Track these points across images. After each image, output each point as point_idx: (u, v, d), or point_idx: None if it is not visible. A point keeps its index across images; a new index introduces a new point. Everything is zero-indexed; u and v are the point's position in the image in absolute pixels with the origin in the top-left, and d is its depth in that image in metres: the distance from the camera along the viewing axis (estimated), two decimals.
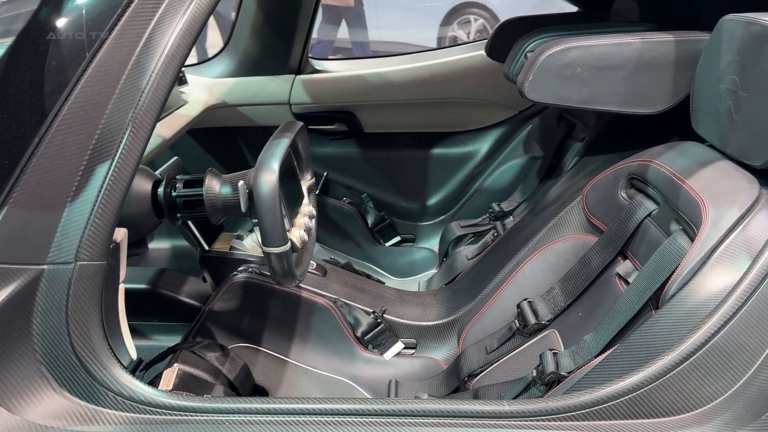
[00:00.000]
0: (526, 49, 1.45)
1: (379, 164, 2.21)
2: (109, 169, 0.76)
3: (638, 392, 0.79)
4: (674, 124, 1.43)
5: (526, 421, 0.79)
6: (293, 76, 2.09)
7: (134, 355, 0.89)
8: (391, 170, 2.21)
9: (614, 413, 0.80)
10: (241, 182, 1.05)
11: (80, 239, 0.76)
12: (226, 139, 2.18)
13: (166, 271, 1.61)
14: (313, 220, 1.21)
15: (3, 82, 0.78)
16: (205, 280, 1.56)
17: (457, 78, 2.06)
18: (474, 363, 1.34)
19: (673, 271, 0.98)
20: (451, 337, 1.49)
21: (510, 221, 1.78)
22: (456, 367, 1.38)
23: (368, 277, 1.69)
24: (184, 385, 1.19)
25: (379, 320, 1.47)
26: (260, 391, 1.36)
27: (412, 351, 1.51)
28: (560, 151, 1.79)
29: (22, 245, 0.76)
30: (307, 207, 1.21)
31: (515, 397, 1.14)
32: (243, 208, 1.05)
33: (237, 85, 2.06)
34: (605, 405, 0.79)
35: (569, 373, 1.07)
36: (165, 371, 1.20)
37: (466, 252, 1.81)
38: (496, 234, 1.76)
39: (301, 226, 1.13)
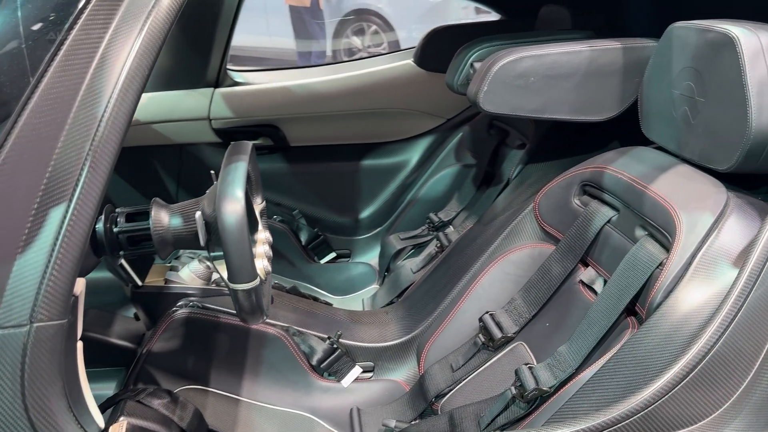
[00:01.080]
0: (470, 59, 1.43)
1: (307, 179, 2.13)
2: (67, 212, 0.65)
3: (650, 408, 0.78)
4: (615, 129, 1.47)
5: None
6: (212, 89, 1.97)
7: (101, 423, 0.77)
8: (321, 184, 2.14)
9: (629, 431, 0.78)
10: (198, 214, 0.94)
11: (35, 297, 0.64)
12: (139, 160, 2.01)
13: (92, 312, 1.45)
14: (270, 247, 1.12)
15: None
16: (137, 318, 1.41)
17: (384, 88, 2.02)
18: (441, 382, 1.30)
19: (648, 279, 1.00)
20: (410, 356, 1.44)
21: (451, 231, 1.76)
22: (421, 388, 1.33)
23: (315, 299, 1.61)
24: None
25: (335, 346, 1.39)
26: None
27: (371, 374, 1.45)
28: (495, 158, 1.80)
29: None
30: (264, 234, 1.12)
31: (496, 417, 1.11)
32: (202, 242, 0.95)
33: (150, 101, 1.90)
34: (621, 424, 0.77)
35: (551, 388, 1.06)
36: (111, 427, 1.06)
37: (410, 265, 1.77)
38: (439, 245, 1.73)
39: (261, 256, 1.04)
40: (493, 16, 2.14)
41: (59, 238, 0.64)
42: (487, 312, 1.31)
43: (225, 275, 0.93)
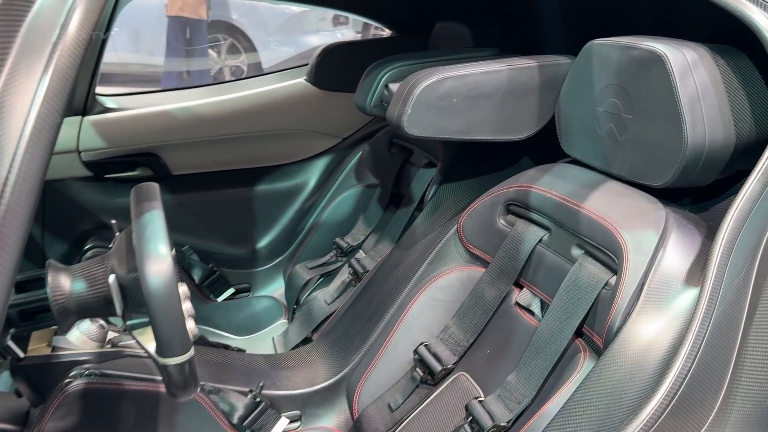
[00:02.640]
0: (383, 80, 1.36)
1: (195, 210, 1.95)
2: None
3: None
4: (525, 146, 1.47)
5: None
6: (80, 117, 1.74)
7: None
8: (211, 215, 1.96)
9: None
10: (112, 277, 0.79)
11: None
12: None
13: None
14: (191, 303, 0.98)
15: None
16: (20, 395, 1.19)
17: (276, 108, 1.90)
18: (380, 425, 1.21)
19: (596, 300, 0.98)
20: (340, 398, 1.34)
21: (364, 257, 1.69)
22: None
23: (226, 347, 1.46)
24: None
25: (258, 399, 1.26)
26: None
27: (298, 424, 1.33)
28: (400, 178, 1.75)
29: None
30: (182, 288, 0.97)
31: None
32: (118, 310, 0.80)
33: None
34: None
35: (509, 422, 1.01)
36: None
37: (323, 296, 1.67)
38: (353, 272, 1.65)
39: (186, 316, 0.90)
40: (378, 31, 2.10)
41: None
42: (421, 343, 1.25)
43: (150, 348, 0.78)
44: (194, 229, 1.94)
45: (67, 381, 1.13)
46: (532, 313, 1.16)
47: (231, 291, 1.95)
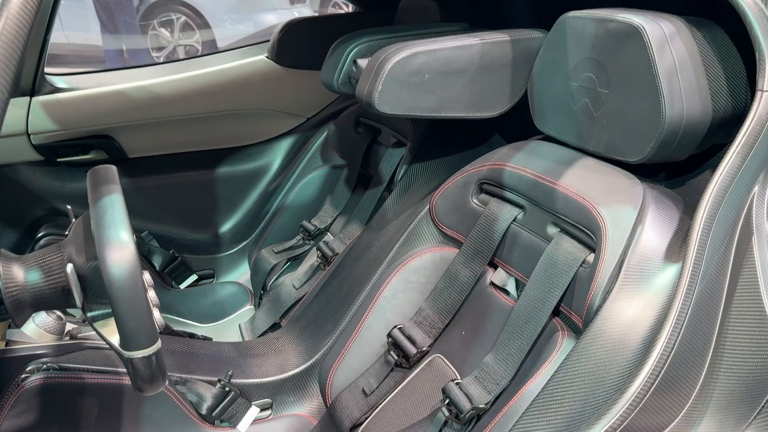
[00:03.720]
0: (350, 55, 1.31)
1: (154, 194, 1.87)
2: None
3: (624, 424, 0.74)
4: (496, 124, 1.45)
5: None
6: (28, 98, 1.64)
7: None
8: (171, 199, 1.89)
9: None
10: (69, 266, 0.73)
11: None
12: None
13: None
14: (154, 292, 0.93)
15: None
16: None
17: (236, 86, 1.82)
18: (355, 411, 1.19)
19: (574, 278, 0.97)
20: (312, 385, 1.31)
21: (332, 239, 1.65)
22: (332, 419, 1.21)
23: (191, 336, 1.41)
24: None
25: (227, 388, 1.22)
26: None
27: (269, 412, 1.29)
28: (368, 158, 1.71)
29: None
30: (145, 276, 0.92)
31: None
32: (78, 302, 0.74)
33: None
34: None
35: (487, 404, 1.00)
36: None
37: (291, 281, 1.62)
38: (321, 255, 1.61)
39: (151, 306, 0.85)
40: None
41: None
42: (395, 326, 1.22)
43: (114, 341, 0.73)
44: (153, 214, 1.86)
45: (23, 376, 1.07)
46: (507, 293, 1.14)
47: (194, 278, 1.89)
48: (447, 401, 1.04)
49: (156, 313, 0.82)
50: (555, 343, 0.96)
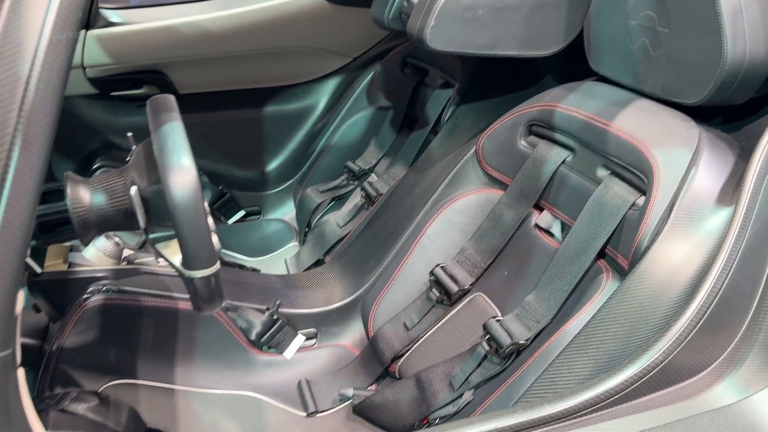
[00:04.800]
0: None
1: (204, 131, 1.90)
2: None
3: (667, 361, 0.75)
4: (548, 64, 1.42)
5: (574, 419, 0.71)
6: (83, 31, 1.67)
7: None
8: (220, 136, 1.92)
9: (648, 388, 0.75)
10: (134, 189, 0.77)
11: None
12: None
13: None
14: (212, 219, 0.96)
15: None
16: (38, 310, 1.19)
17: (284, 24, 1.82)
18: (396, 343, 1.23)
19: (622, 221, 0.97)
20: (355, 317, 1.35)
21: (376, 180, 1.66)
22: (374, 350, 1.25)
23: (241, 267, 1.46)
24: None
25: (275, 317, 1.27)
26: None
27: (314, 341, 1.34)
28: (414, 100, 1.70)
29: None
30: (204, 203, 0.95)
31: (469, 375, 1.06)
32: (142, 223, 0.78)
33: None
34: (644, 380, 0.74)
35: (527, 340, 1.02)
36: None
37: (335, 220, 1.65)
38: (365, 195, 1.63)
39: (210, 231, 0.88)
40: None
41: None
42: (437, 265, 1.25)
43: (176, 261, 0.77)
44: (203, 150, 1.91)
45: (85, 296, 1.13)
46: (551, 235, 1.15)
47: (242, 213, 1.94)
48: (487, 337, 1.07)
49: (214, 238, 0.86)
50: (599, 284, 0.97)
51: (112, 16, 1.73)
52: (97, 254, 1.19)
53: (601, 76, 1.16)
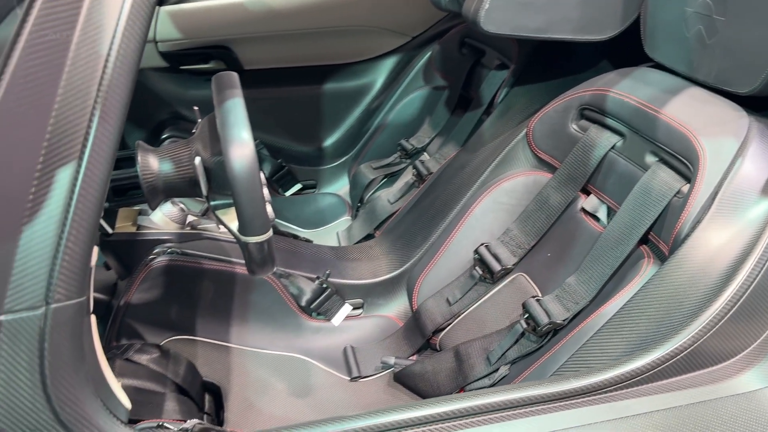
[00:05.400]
0: None
1: (266, 105, 1.98)
2: (78, 172, 0.54)
3: (697, 344, 0.77)
4: (604, 49, 1.41)
5: (600, 394, 0.74)
6: (156, 7, 1.76)
7: (128, 404, 0.68)
8: (281, 111, 2.00)
9: (675, 370, 0.77)
10: (198, 159, 0.84)
11: (50, 274, 0.54)
12: None
13: None
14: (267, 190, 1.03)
15: None
16: (108, 268, 1.30)
17: (346, 3, 1.87)
18: (438, 317, 1.27)
19: (666, 207, 0.98)
20: (400, 291, 1.41)
21: (428, 159, 1.70)
22: (417, 322, 1.31)
23: (295, 237, 1.53)
24: (132, 402, 0.98)
25: (324, 285, 1.33)
26: (209, 388, 1.19)
27: (360, 311, 1.41)
28: (470, 80, 1.72)
29: None
30: (260, 174, 1.02)
31: (506, 351, 1.10)
32: (204, 191, 0.85)
33: None
34: (671, 362, 0.76)
35: (565, 320, 1.05)
36: None
37: (387, 196, 1.70)
38: (417, 173, 1.67)
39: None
40: None
41: (72, 203, 0.54)
42: (482, 244, 1.28)
43: (233, 227, 0.84)
44: (264, 125, 1.98)
45: (151, 257, 1.22)
46: (597, 219, 1.16)
47: (298, 186, 2.01)
48: (526, 315, 1.10)
49: (269, 208, 0.93)
50: (639, 268, 0.98)
51: None
52: (163, 218, 1.28)
53: (656, 62, 1.15)
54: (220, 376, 1.20)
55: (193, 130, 0.94)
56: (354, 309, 1.39)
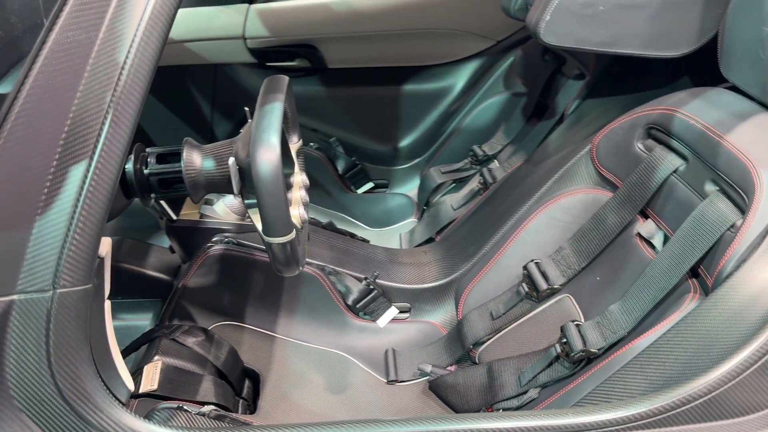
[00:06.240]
0: None
1: (345, 104, 2.03)
2: (88, 170, 0.59)
3: (715, 393, 0.72)
4: (685, 66, 1.33)
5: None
6: (247, 5, 1.85)
7: (131, 386, 0.74)
8: (360, 110, 2.04)
9: (689, 417, 0.72)
10: (231, 159, 0.88)
11: (57, 262, 0.59)
12: (173, 80, 1.94)
13: (126, 241, 1.43)
14: (306, 192, 1.06)
15: None
16: (172, 251, 1.39)
17: (430, 6, 1.87)
18: (479, 330, 1.26)
19: (718, 240, 0.91)
20: (447, 299, 1.40)
21: (496, 167, 1.67)
22: (459, 333, 1.30)
23: (352, 236, 1.56)
24: (170, 380, 1.05)
25: (371, 287, 1.35)
26: (249, 374, 1.24)
27: (407, 315, 1.42)
28: (549, 88, 1.67)
29: None
30: (300, 177, 1.05)
31: (538, 374, 1.07)
32: (235, 189, 0.89)
33: (184, 18, 1.81)
34: (683, 408, 0.72)
35: (600, 350, 1.00)
36: (146, 367, 1.06)
37: (451, 201, 1.70)
38: (483, 181, 1.65)
39: (297, 203, 0.98)
40: None
41: (81, 198, 0.59)
42: (532, 260, 1.25)
43: (259, 225, 0.88)
44: (342, 123, 2.03)
45: (209, 245, 1.29)
46: (652, 246, 1.10)
47: (370, 185, 2.05)
48: (563, 340, 1.06)
49: (300, 210, 0.96)
50: (681, 303, 0.92)
51: None
52: (224, 209, 1.36)
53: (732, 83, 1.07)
54: (261, 364, 1.25)
55: (241, 130, 0.99)
56: (401, 312, 1.40)
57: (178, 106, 1.98)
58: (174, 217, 1.29)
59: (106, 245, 0.68)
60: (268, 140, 0.83)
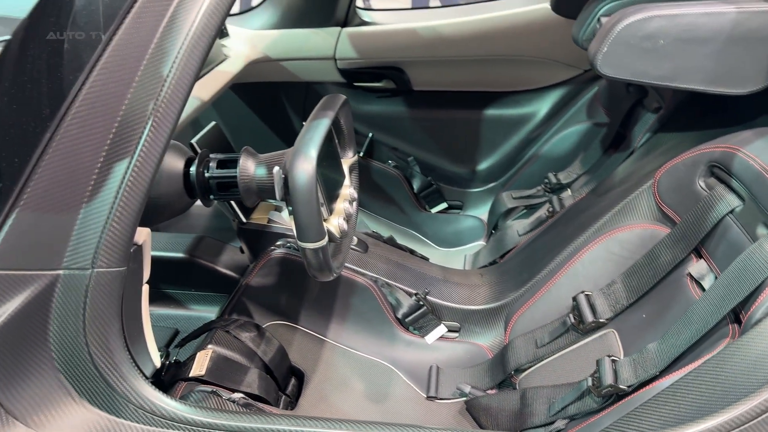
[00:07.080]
0: (600, 13, 1.28)
1: (427, 125, 2.08)
2: (128, 168, 0.68)
3: None
4: (763, 106, 1.27)
5: None
6: (339, 28, 1.96)
7: (157, 363, 0.83)
8: (440, 132, 2.08)
9: None
10: (276, 168, 0.96)
11: (96, 245, 0.69)
12: (268, 95, 2.09)
13: (205, 239, 1.56)
14: (354, 204, 1.12)
15: (12, 71, 0.70)
16: (242, 251, 1.50)
17: (517, 33, 1.89)
18: (522, 357, 1.26)
19: (759, 286, 0.87)
20: (497, 323, 1.41)
21: (567, 195, 1.65)
22: (502, 358, 1.30)
23: (412, 252, 1.61)
24: (218, 368, 1.15)
25: (421, 303, 1.39)
26: (296, 373, 1.32)
27: (455, 335, 1.43)
28: (629, 119, 1.63)
29: (35, 250, 0.70)
30: (348, 190, 1.12)
31: (567, 406, 1.06)
32: (278, 196, 0.97)
33: (280, 38, 1.94)
34: None
35: (629, 387, 0.98)
36: (198, 354, 1.16)
37: (518, 227, 1.69)
38: (551, 209, 1.64)
39: (340, 213, 1.04)
40: None
41: (120, 191, 0.68)
42: (582, 291, 1.23)
43: (295, 231, 0.95)
44: (422, 143, 2.09)
45: (272, 248, 1.38)
46: (702, 288, 1.06)
47: (444, 205, 2.08)
48: (596, 373, 1.05)
49: (339, 221, 1.02)
50: (714, 348, 0.89)
51: (365, 16, 2.00)
52: (290, 217, 1.45)
53: None
54: (308, 365, 1.32)
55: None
56: (450, 331, 1.43)
57: (272, 119, 2.13)
58: (244, 219, 1.40)
59: (143, 234, 0.77)
60: (306, 152, 0.90)
